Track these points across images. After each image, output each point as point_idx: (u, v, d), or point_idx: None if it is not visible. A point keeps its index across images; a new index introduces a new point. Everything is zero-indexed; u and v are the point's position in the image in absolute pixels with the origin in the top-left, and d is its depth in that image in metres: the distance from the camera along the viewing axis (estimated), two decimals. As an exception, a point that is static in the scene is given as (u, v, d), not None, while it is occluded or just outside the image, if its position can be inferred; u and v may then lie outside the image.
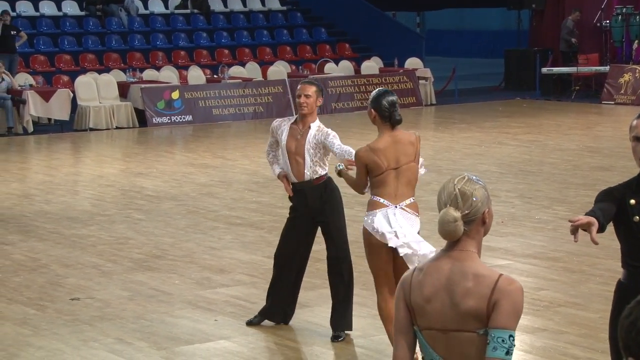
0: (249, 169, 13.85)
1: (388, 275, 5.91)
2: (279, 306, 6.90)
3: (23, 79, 18.63)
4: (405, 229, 5.78)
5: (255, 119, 19.36)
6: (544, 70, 22.54)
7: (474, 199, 3.02)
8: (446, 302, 2.95)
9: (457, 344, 2.94)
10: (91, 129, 18.09)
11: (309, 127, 6.65)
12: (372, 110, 5.90)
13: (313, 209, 6.67)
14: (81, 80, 18.65)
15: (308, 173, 6.62)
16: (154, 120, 18.58)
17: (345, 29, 25.10)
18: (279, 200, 11.42)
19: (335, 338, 6.65)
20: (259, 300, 7.33)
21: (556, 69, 22.56)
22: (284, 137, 6.73)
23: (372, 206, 5.86)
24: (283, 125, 6.81)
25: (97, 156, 15.64)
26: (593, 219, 3.79)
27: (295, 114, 7.06)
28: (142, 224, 10.39)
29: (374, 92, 5.99)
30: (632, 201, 3.93)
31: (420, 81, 21.43)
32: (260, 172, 13.52)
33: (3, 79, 17.83)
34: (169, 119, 18.74)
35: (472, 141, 16.13)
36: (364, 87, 20.62)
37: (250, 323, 6.97)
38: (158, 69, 20.65)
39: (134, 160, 14.87)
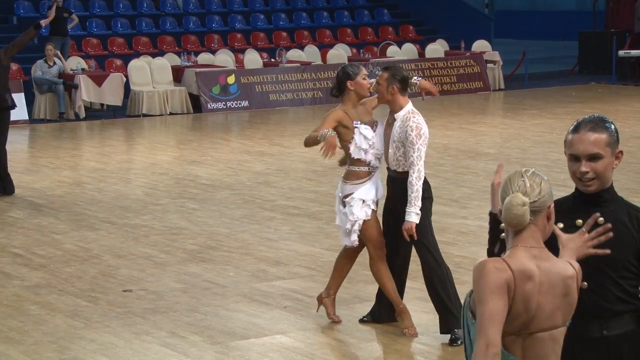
0: (307, 157, 13.88)
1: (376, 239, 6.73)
2: (384, 305, 6.88)
3: (75, 62, 18.89)
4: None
5: (313, 104, 19.38)
6: (621, 53, 22.19)
7: (541, 190, 3.14)
8: (555, 304, 3.14)
9: (538, 342, 3.15)
10: (144, 115, 18.28)
11: (394, 118, 6.60)
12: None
13: (392, 202, 6.64)
14: (134, 65, 18.85)
15: (393, 162, 6.61)
16: (208, 105, 18.71)
17: (409, 10, 24.98)
18: (339, 189, 11.43)
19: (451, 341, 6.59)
20: (317, 294, 7.35)
21: (634, 52, 22.20)
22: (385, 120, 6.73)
23: None
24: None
25: (150, 143, 15.81)
26: None
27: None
28: (196, 214, 10.48)
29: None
30: (561, 225, 3.49)
31: (488, 65, 21.24)
32: (319, 160, 13.52)
33: (55, 63, 18.10)
34: (224, 105, 18.85)
35: (543, 128, 15.95)
36: (428, 71, 20.51)
37: (362, 321, 7.00)
38: (213, 52, 20.77)
39: (188, 148, 15.00)
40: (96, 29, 21.69)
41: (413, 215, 6.43)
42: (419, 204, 6.43)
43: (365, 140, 6.60)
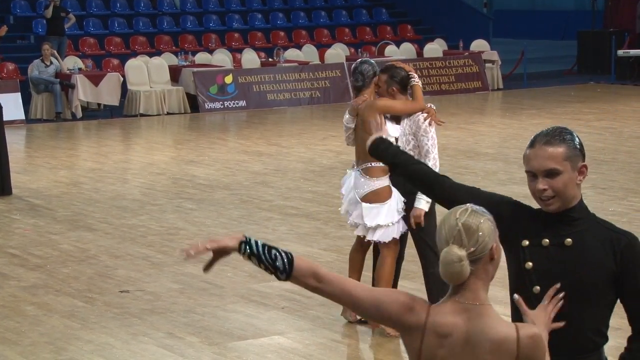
0: (304, 157, 13.88)
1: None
2: None
3: (72, 62, 18.88)
4: (348, 191, 6.71)
5: (311, 104, 19.38)
6: (620, 52, 22.20)
7: (480, 233, 2.78)
8: None
9: None
10: (141, 115, 18.28)
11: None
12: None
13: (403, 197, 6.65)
14: (131, 64, 18.85)
15: None
16: (206, 105, 18.71)
17: (407, 9, 24.98)
18: (336, 189, 11.40)
19: None
20: (314, 295, 7.34)
21: (633, 52, 22.22)
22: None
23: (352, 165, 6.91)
24: None
25: (147, 143, 15.81)
26: None
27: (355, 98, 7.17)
28: (193, 214, 10.48)
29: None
30: (526, 242, 3.17)
31: (487, 64, 21.25)
32: (317, 160, 13.55)
33: (52, 62, 18.09)
34: (221, 105, 18.85)
35: (541, 128, 15.90)
36: (426, 70, 20.51)
37: (360, 322, 6.98)
38: (211, 52, 20.77)
39: (185, 148, 15.00)
40: (93, 28, 21.68)
41: (423, 203, 6.45)
42: None
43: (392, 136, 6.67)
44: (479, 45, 22.15)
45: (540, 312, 3.01)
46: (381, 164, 6.61)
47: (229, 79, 19.00)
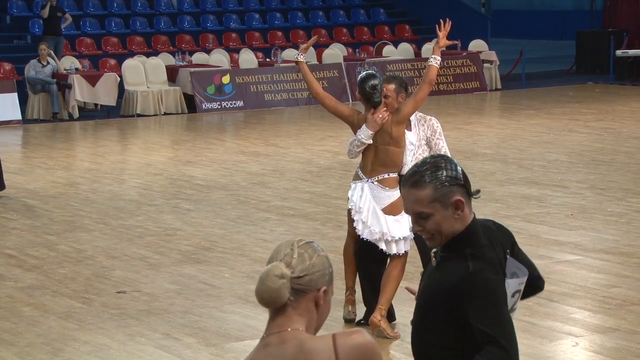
0: (302, 157, 13.89)
1: (353, 232, 6.85)
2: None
3: (69, 62, 18.88)
4: (366, 202, 6.66)
5: (309, 104, 19.38)
6: (619, 52, 22.22)
7: (312, 264, 2.60)
8: None
9: None
10: (138, 115, 18.27)
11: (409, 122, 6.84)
12: (357, 92, 6.75)
13: None
14: (128, 64, 18.84)
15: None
16: (203, 105, 18.71)
17: (405, 9, 25.00)
18: (334, 190, 11.43)
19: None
20: (313, 296, 7.34)
21: (632, 52, 22.23)
22: None
23: (354, 176, 6.86)
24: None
25: (144, 143, 15.81)
26: None
27: (352, 100, 7.23)
28: (190, 215, 10.48)
29: (360, 75, 6.76)
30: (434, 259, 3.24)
31: (485, 65, 21.26)
32: (315, 160, 13.55)
33: (48, 63, 18.09)
34: (219, 105, 18.85)
35: (540, 128, 15.97)
36: (424, 71, 20.50)
37: (358, 323, 7.01)
38: (208, 52, 20.77)
39: (182, 148, 15.00)
40: (90, 28, 21.68)
41: None
42: None
43: (411, 142, 6.87)
44: (477, 45, 22.16)
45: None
46: (396, 175, 6.67)
47: (226, 79, 19.00)
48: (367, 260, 6.80)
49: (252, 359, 2.64)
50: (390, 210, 6.67)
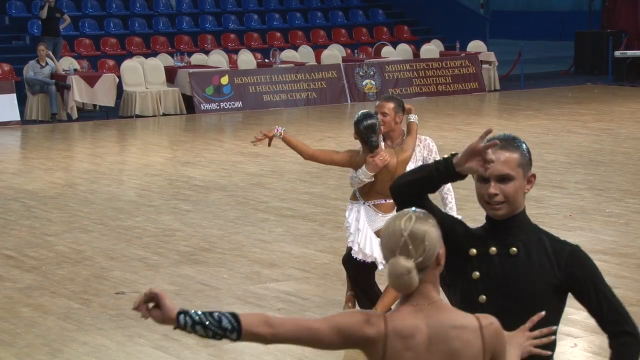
0: (301, 158, 13.85)
1: None
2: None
3: (67, 63, 18.87)
4: (362, 226, 6.70)
5: (307, 105, 19.39)
6: (617, 53, 22.23)
7: (427, 243, 2.81)
8: None
9: None
10: (137, 116, 18.28)
11: (403, 138, 6.83)
12: (354, 132, 6.72)
13: None
14: (127, 65, 18.84)
15: None
16: (202, 106, 18.71)
17: (403, 10, 25.00)
18: (332, 191, 11.44)
19: None
20: (311, 296, 7.36)
21: (630, 52, 22.24)
22: None
23: (352, 196, 6.93)
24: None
25: (143, 144, 15.81)
26: None
27: (351, 101, 7.22)
28: (189, 216, 10.48)
29: (357, 114, 6.71)
30: (474, 251, 3.16)
31: (484, 65, 21.27)
32: (313, 162, 13.54)
33: (47, 63, 18.09)
34: (217, 105, 18.85)
35: (538, 129, 15.98)
36: (423, 72, 20.53)
37: None
38: (207, 52, 20.77)
39: (181, 149, 15.00)
40: (89, 29, 21.67)
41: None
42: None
43: None
44: (475, 46, 22.17)
45: (517, 335, 3.04)
46: (392, 201, 6.66)
47: (225, 80, 19.00)
48: (356, 269, 6.81)
49: (404, 319, 2.81)
50: None
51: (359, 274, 6.84)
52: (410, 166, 6.92)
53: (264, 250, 9.04)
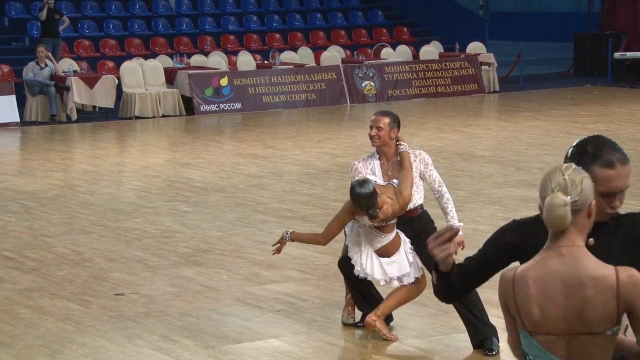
0: (300, 159, 13.90)
1: None
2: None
3: (67, 64, 18.88)
4: (363, 246, 6.61)
5: (307, 106, 19.40)
6: (617, 55, 22.24)
7: (583, 186, 3.03)
8: (566, 308, 2.96)
9: (582, 346, 2.99)
10: (137, 117, 18.28)
11: (397, 159, 6.68)
12: (350, 200, 6.48)
13: (415, 240, 6.65)
14: (127, 66, 18.85)
15: (409, 205, 6.64)
16: (201, 108, 18.72)
17: (403, 11, 25.01)
18: (332, 192, 11.44)
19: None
20: (310, 297, 7.36)
21: (630, 54, 22.25)
22: (378, 177, 6.64)
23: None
24: (369, 165, 6.70)
25: (142, 145, 15.81)
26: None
27: (350, 102, 7.17)
28: (188, 217, 10.49)
29: (351, 183, 6.48)
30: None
31: (483, 67, 21.28)
32: (312, 162, 13.56)
33: (46, 65, 18.10)
34: (217, 107, 18.86)
35: (538, 131, 15.98)
36: (422, 73, 20.54)
37: (356, 325, 6.99)
38: (206, 54, 20.78)
39: (180, 150, 15.01)
40: (88, 30, 21.68)
41: (457, 221, 6.65)
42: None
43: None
44: (475, 47, 22.18)
45: None
46: (394, 220, 6.61)
47: (224, 82, 19.01)
48: (351, 272, 6.79)
49: (546, 263, 3.01)
50: (384, 252, 6.62)
51: (353, 275, 6.82)
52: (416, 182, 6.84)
53: (264, 251, 9.04)
